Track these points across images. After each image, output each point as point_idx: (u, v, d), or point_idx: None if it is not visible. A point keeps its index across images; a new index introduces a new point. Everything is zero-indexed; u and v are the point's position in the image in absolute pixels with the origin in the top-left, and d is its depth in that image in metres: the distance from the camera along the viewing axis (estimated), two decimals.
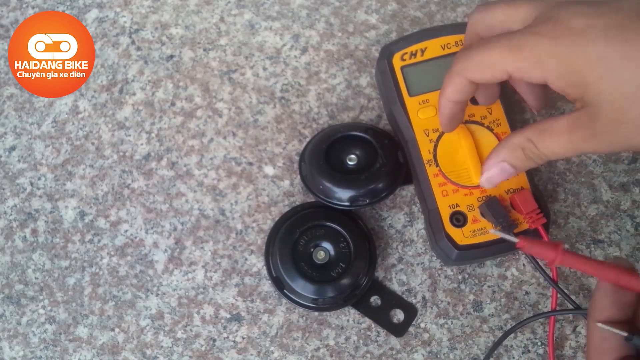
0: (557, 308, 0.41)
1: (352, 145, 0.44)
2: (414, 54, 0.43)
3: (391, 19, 0.49)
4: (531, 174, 0.41)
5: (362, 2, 0.49)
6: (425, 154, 0.41)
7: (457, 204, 0.41)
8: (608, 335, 0.32)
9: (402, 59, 0.43)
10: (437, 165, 0.41)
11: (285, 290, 0.42)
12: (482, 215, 0.40)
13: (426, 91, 0.42)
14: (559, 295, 0.40)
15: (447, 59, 0.42)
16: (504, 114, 0.42)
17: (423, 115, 0.42)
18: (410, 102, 0.42)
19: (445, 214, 0.40)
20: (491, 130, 0.41)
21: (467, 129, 0.41)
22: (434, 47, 0.43)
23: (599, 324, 0.32)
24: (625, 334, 0.31)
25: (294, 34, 0.49)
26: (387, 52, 0.43)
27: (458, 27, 0.43)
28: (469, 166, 0.41)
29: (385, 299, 0.43)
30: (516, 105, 0.47)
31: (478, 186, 0.40)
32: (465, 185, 0.41)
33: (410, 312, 0.43)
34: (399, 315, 0.43)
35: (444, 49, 0.43)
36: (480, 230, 0.40)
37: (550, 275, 0.40)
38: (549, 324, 0.41)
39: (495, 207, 0.39)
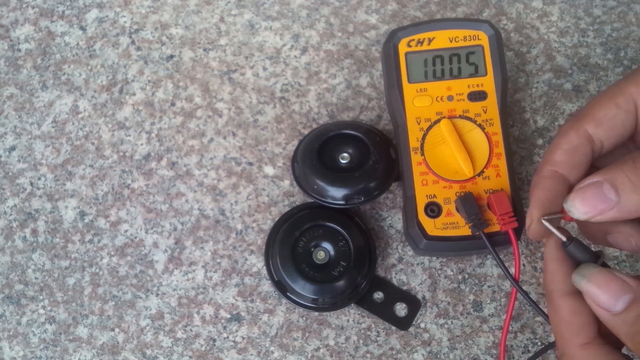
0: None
1: (344, 143, 0.44)
2: (420, 42, 0.43)
3: (391, 19, 0.49)
4: (514, 177, 0.41)
5: (362, 2, 0.49)
6: (413, 141, 0.42)
7: (434, 194, 0.41)
8: (579, 309, 0.30)
9: (409, 45, 0.43)
10: (422, 154, 0.41)
11: (287, 293, 0.42)
12: (457, 210, 0.40)
13: (425, 80, 0.42)
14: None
15: (452, 51, 0.43)
16: (499, 115, 0.42)
17: (418, 103, 0.42)
18: (408, 89, 0.42)
19: (421, 202, 0.41)
20: (482, 128, 0.41)
21: (452, 125, 0.41)
22: (442, 38, 0.43)
23: (543, 220, 0.31)
24: (564, 238, 0.31)
25: (294, 34, 0.49)
26: (395, 36, 0.43)
27: (470, 23, 0.43)
28: (457, 160, 0.41)
29: (388, 294, 0.43)
30: (515, 105, 0.47)
31: (459, 181, 0.41)
32: (446, 178, 0.41)
33: (414, 304, 0.43)
34: (402, 309, 0.43)
35: (451, 41, 0.43)
36: (453, 224, 0.40)
37: (513, 275, 0.39)
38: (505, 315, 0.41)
39: (469, 203, 0.39)
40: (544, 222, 0.31)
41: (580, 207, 0.30)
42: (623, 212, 0.29)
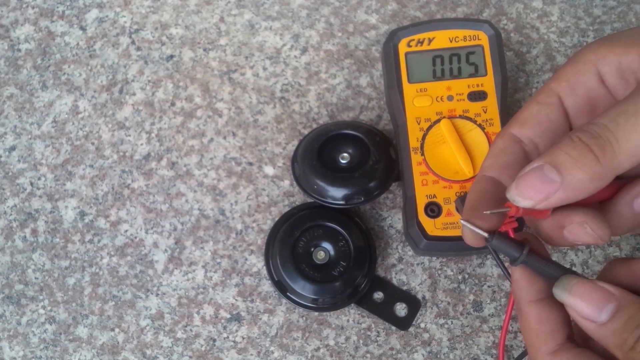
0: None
1: (344, 143, 0.44)
2: (420, 42, 0.43)
3: (391, 19, 0.49)
4: None
5: (362, 2, 0.49)
6: (413, 141, 0.42)
7: (434, 194, 0.41)
8: (545, 316, 0.29)
9: (409, 45, 0.43)
10: (422, 154, 0.41)
11: (287, 293, 0.42)
12: (457, 210, 0.40)
13: (425, 80, 0.43)
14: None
15: (452, 51, 0.43)
16: (499, 115, 0.42)
17: (418, 103, 0.42)
18: (408, 89, 0.43)
19: (421, 202, 0.41)
20: (482, 128, 0.41)
21: (452, 125, 0.41)
22: (442, 38, 0.43)
23: (462, 221, 0.30)
24: (486, 234, 0.30)
25: (294, 34, 0.49)
26: (395, 36, 0.43)
27: (470, 23, 0.43)
28: (457, 160, 0.41)
29: (388, 294, 0.43)
30: (515, 105, 0.47)
31: (459, 181, 0.41)
32: (446, 178, 0.41)
33: (414, 304, 0.43)
34: (402, 309, 0.43)
35: (451, 41, 0.43)
36: (453, 224, 0.41)
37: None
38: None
39: None
40: (461, 221, 0.30)
41: (524, 193, 0.28)
42: (569, 190, 0.27)
